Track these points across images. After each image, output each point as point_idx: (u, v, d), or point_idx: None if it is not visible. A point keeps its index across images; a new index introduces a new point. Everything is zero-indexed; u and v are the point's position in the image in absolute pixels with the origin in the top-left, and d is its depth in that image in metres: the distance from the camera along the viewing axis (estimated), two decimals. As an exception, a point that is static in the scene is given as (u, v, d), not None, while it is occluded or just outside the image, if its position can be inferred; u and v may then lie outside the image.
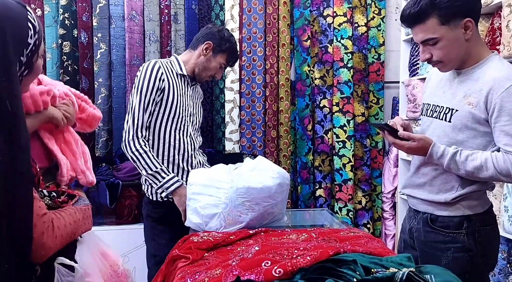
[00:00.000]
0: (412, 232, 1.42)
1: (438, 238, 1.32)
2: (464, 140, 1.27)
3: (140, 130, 1.66)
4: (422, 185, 1.38)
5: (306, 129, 2.70)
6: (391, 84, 2.85)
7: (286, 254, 0.98)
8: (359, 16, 2.70)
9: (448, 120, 1.30)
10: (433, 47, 1.26)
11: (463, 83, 1.30)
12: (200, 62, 1.78)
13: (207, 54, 1.76)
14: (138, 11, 2.50)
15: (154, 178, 1.65)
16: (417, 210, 1.41)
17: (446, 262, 1.29)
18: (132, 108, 1.67)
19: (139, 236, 2.21)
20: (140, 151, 1.64)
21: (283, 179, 1.55)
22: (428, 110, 1.41)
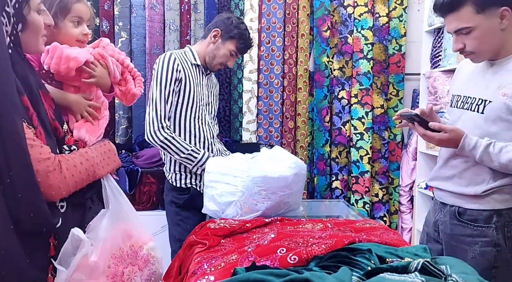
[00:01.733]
0: (438, 225, 1.40)
1: (465, 231, 1.30)
2: (497, 132, 1.24)
3: (164, 120, 1.70)
4: (451, 177, 1.36)
5: (324, 121, 2.69)
6: (411, 76, 2.80)
7: (302, 242, 0.99)
8: (381, 6, 2.65)
9: (481, 112, 1.27)
10: (467, 37, 1.23)
11: (497, 74, 1.27)
12: (210, 50, 1.81)
13: (216, 41, 1.79)
14: (159, 0, 2.52)
15: (188, 160, 1.72)
16: (444, 203, 1.39)
17: (473, 256, 1.27)
18: (153, 100, 1.71)
19: (157, 222, 2.27)
20: (168, 138, 1.70)
21: (300, 169, 1.56)
22: (458, 101, 1.38)
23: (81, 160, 1.03)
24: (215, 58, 1.81)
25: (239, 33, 1.79)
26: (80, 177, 1.01)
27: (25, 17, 0.91)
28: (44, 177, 0.91)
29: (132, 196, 2.36)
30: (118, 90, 1.38)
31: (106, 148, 1.15)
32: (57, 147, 1.03)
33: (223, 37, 1.79)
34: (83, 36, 1.27)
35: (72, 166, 0.99)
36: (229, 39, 1.78)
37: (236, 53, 1.83)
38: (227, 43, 1.79)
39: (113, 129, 2.54)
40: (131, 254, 1.10)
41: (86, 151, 1.08)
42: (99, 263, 1.02)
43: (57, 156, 0.98)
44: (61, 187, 0.95)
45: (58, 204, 1.00)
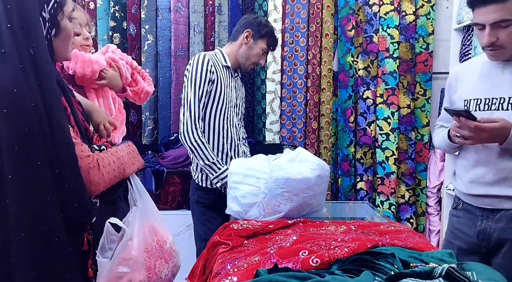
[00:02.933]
0: (488, 234, 1.33)
1: None
2: None
3: (197, 121, 1.75)
4: (503, 180, 1.30)
5: (348, 121, 2.66)
6: (439, 75, 2.72)
7: (324, 244, 0.99)
8: (407, 4, 2.60)
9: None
10: (504, 30, 1.19)
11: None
12: (243, 51, 1.85)
13: (248, 42, 1.83)
14: (184, 2, 2.56)
15: (210, 169, 1.74)
16: (496, 209, 1.32)
17: None
18: (188, 101, 1.75)
19: (182, 221, 2.31)
20: (198, 142, 1.73)
21: (323, 170, 1.55)
22: (479, 105, 1.34)
23: (113, 158, 1.08)
24: (249, 58, 1.86)
25: (269, 31, 1.86)
26: (114, 174, 1.07)
27: (59, 23, 0.95)
28: (85, 174, 0.96)
29: (158, 195, 2.42)
30: (129, 91, 1.45)
31: (130, 149, 1.20)
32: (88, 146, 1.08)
33: (254, 37, 1.84)
34: (86, 40, 1.34)
35: (107, 164, 1.04)
36: (261, 38, 1.84)
37: (267, 51, 1.88)
38: (259, 42, 1.84)
39: (139, 131, 2.61)
40: (158, 248, 1.15)
41: (116, 151, 1.13)
42: (139, 257, 1.07)
43: (95, 154, 1.04)
44: (100, 183, 1.00)
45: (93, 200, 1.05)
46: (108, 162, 1.05)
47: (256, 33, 1.83)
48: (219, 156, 1.83)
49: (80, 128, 1.03)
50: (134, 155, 1.21)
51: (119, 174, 1.09)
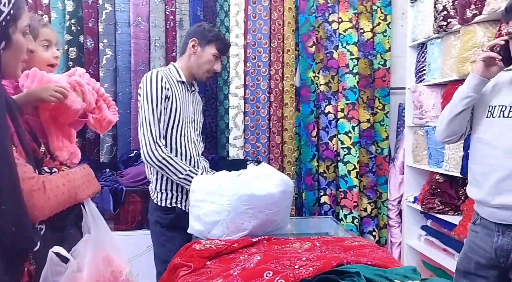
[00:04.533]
0: (506, 250, 1.32)
1: None
2: None
3: (159, 139, 1.68)
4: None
5: (311, 136, 2.68)
6: (397, 91, 2.82)
7: (289, 264, 0.96)
8: (365, 22, 2.69)
9: None
10: None
11: None
12: (193, 61, 1.81)
13: (195, 50, 1.80)
14: (144, 17, 2.52)
15: (186, 181, 1.68)
16: (509, 224, 1.32)
17: None
18: (146, 120, 1.68)
19: (142, 242, 2.21)
20: (166, 158, 1.67)
21: (287, 186, 1.54)
22: (503, 111, 1.35)
23: (63, 181, 1.02)
24: (201, 66, 1.81)
25: (215, 35, 1.81)
26: (63, 198, 0.99)
27: (10, 36, 0.89)
28: (28, 196, 0.88)
29: (116, 215, 2.31)
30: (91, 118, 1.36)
31: (86, 172, 1.13)
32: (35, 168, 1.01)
33: (201, 44, 1.79)
34: (55, 59, 1.28)
35: (55, 186, 0.97)
36: (208, 43, 1.79)
37: (218, 55, 1.82)
38: (207, 48, 1.79)
39: (97, 148, 2.50)
40: (112, 280, 1.07)
41: (67, 173, 1.07)
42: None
43: (40, 176, 0.96)
44: (45, 207, 0.93)
45: (37, 226, 0.97)
46: (57, 184, 0.98)
47: (202, 39, 1.79)
48: None
49: (25, 149, 0.95)
50: (89, 178, 1.14)
51: (70, 198, 1.02)
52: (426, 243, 2.55)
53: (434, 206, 2.37)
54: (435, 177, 2.43)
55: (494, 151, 1.36)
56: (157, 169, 1.70)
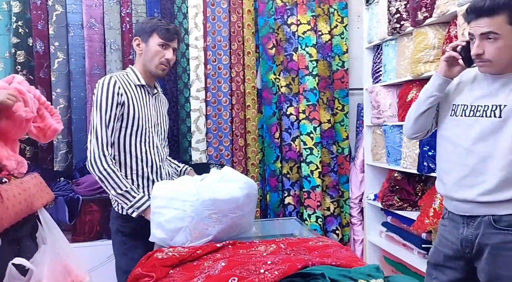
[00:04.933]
0: (470, 240, 1.37)
1: (507, 238, 1.30)
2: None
3: (106, 148, 1.60)
4: (479, 184, 1.34)
5: (274, 137, 2.69)
6: (355, 91, 2.89)
7: (254, 269, 0.95)
8: (323, 24, 2.74)
9: (499, 116, 1.31)
10: (490, 44, 1.27)
11: (507, 85, 1.32)
12: (143, 59, 1.74)
13: (141, 48, 1.73)
14: (98, 19, 2.42)
15: (123, 198, 1.60)
16: (472, 215, 1.37)
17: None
18: (94, 127, 1.61)
19: (102, 252, 2.12)
20: (108, 170, 1.58)
21: (251, 189, 1.53)
22: (465, 110, 1.40)
23: (19, 190, 0.96)
24: (152, 60, 1.73)
25: (154, 25, 1.72)
26: (20, 207, 0.94)
27: None
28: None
29: (73, 226, 2.20)
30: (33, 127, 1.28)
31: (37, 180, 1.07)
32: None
33: (143, 39, 1.73)
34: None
35: (12, 196, 0.92)
36: (149, 36, 1.72)
37: (164, 43, 1.72)
38: (150, 41, 1.72)
39: (51, 156, 2.37)
40: None
41: (21, 182, 1.01)
42: None
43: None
44: (4, 218, 0.88)
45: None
46: (13, 193, 0.92)
47: (143, 35, 1.72)
48: (140, 182, 1.70)
49: None
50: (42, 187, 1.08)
51: (27, 208, 0.96)
52: (387, 239, 2.63)
53: (394, 202, 2.45)
54: (394, 174, 2.51)
55: (456, 148, 1.41)
56: (96, 179, 1.62)
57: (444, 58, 1.43)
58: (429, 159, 2.06)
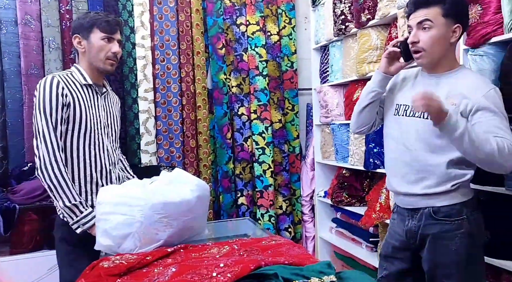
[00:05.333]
0: (413, 232, 1.46)
1: (444, 228, 1.39)
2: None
3: (58, 153, 1.49)
4: (419, 180, 1.42)
5: (226, 138, 2.67)
6: (304, 91, 2.95)
7: (206, 273, 0.92)
8: (271, 25, 2.77)
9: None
10: (425, 33, 1.35)
11: (440, 86, 1.40)
12: (88, 57, 1.64)
13: (83, 46, 1.63)
14: (34, 15, 2.27)
15: (70, 211, 1.51)
16: (415, 208, 1.45)
17: (455, 248, 1.37)
18: (41, 132, 1.49)
19: (42, 264, 1.99)
20: (59, 179, 1.48)
21: (203, 191, 1.50)
22: (406, 110, 1.47)
23: None
24: (96, 57, 1.63)
25: (92, 19, 1.63)
26: None
27: None
28: None
29: (8, 237, 2.03)
30: None
31: None
32: None
33: (84, 36, 1.62)
34: None
35: None
36: (89, 32, 1.62)
37: (107, 36, 1.63)
38: (91, 36, 1.62)
39: (-17, 162, 2.18)
40: None
41: None
42: None
43: None
44: None
45: None
46: None
47: (82, 32, 1.62)
48: (88, 187, 1.61)
49: None
50: None
51: None
52: (337, 234, 2.71)
53: (343, 199, 2.52)
54: (342, 171, 2.59)
55: (399, 146, 1.49)
56: (46, 187, 1.52)
57: (385, 54, 1.50)
58: (374, 156, 2.15)
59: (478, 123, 1.31)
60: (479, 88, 1.33)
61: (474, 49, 1.60)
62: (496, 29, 1.53)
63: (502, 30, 1.51)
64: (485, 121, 1.30)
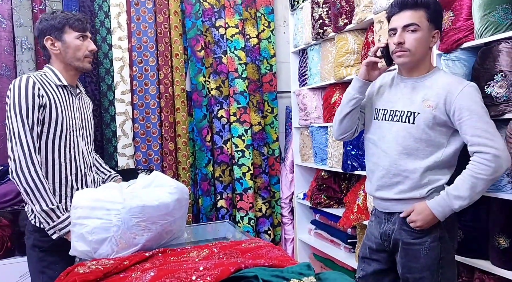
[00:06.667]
0: (388, 235, 1.49)
1: (415, 232, 1.42)
2: (428, 138, 1.40)
3: (34, 156, 1.45)
4: (394, 184, 1.45)
5: (205, 140, 2.66)
6: (283, 94, 2.97)
7: (185, 276, 0.91)
8: (250, 28, 2.77)
9: (412, 122, 1.41)
10: (410, 35, 1.39)
11: (417, 90, 1.44)
12: (63, 58, 1.59)
13: (57, 47, 1.59)
14: (5, 15, 2.20)
15: (46, 216, 1.46)
16: (391, 212, 1.48)
17: (425, 253, 1.41)
18: (16, 134, 1.45)
19: (14, 271, 1.93)
20: (36, 182, 1.44)
21: (182, 193, 1.48)
22: (386, 115, 1.50)
23: None
24: (74, 57, 1.59)
25: (63, 19, 1.59)
26: None
27: None
28: None
29: (-21, 244, 1.96)
30: None
31: None
32: None
33: (57, 36, 1.58)
34: None
35: None
36: (62, 32, 1.58)
37: (82, 35, 1.61)
38: (65, 37, 1.58)
39: (-50, 166, 2.09)
40: None
41: None
42: None
43: None
44: None
45: None
46: None
47: (54, 32, 1.57)
48: (63, 190, 1.57)
49: None
50: None
51: None
52: (316, 236, 2.73)
53: (321, 201, 2.55)
54: (321, 173, 2.62)
55: (377, 150, 1.52)
56: (21, 191, 1.47)
57: (365, 63, 1.52)
58: (352, 158, 2.18)
59: (458, 126, 1.36)
60: (453, 88, 1.37)
61: (446, 54, 1.65)
62: (468, 35, 1.58)
63: (473, 36, 1.57)
64: (464, 125, 1.34)
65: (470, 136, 1.33)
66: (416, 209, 1.40)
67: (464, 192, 1.32)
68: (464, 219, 1.61)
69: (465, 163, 1.37)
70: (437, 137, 1.40)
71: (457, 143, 1.41)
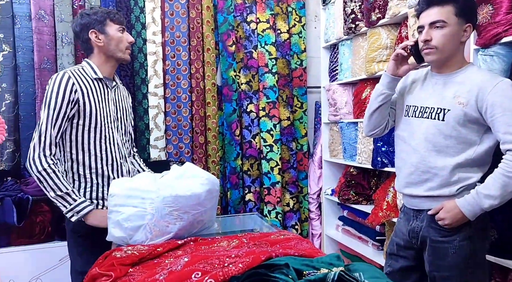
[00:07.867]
0: (416, 232, 1.47)
1: (443, 231, 1.40)
2: (458, 136, 1.37)
3: (48, 148, 1.53)
4: (423, 181, 1.44)
5: (234, 134, 2.69)
6: (313, 89, 2.96)
7: (217, 262, 0.94)
8: (281, 23, 2.78)
9: (442, 119, 1.39)
10: (437, 32, 1.36)
11: (448, 86, 1.41)
12: (106, 50, 1.68)
13: (101, 39, 1.67)
14: (48, 10, 2.30)
15: (62, 200, 1.53)
16: (419, 209, 1.47)
17: (454, 252, 1.38)
18: (39, 124, 1.55)
19: (54, 255, 2.03)
20: (48, 170, 1.51)
21: (213, 185, 1.51)
22: (416, 111, 1.49)
23: None
24: (117, 48, 1.69)
25: (103, 13, 1.69)
26: None
27: None
28: None
29: (22, 228, 2.07)
30: None
31: None
32: None
33: (100, 30, 1.67)
34: None
35: None
36: (104, 25, 1.67)
37: (122, 27, 1.72)
38: (107, 29, 1.67)
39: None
40: None
41: None
42: None
43: None
44: None
45: None
46: None
47: (97, 25, 1.67)
48: (100, 180, 1.64)
49: None
50: None
51: None
52: (343, 232, 2.72)
53: (350, 197, 2.53)
54: (350, 169, 2.60)
55: (406, 147, 1.50)
56: (35, 180, 1.55)
57: (392, 57, 1.50)
58: (382, 154, 2.15)
59: (490, 124, 1.33)
60: (486, 84, 1.33)
61: (484, 49, 1.60)
62: (507, 29, 1.52)
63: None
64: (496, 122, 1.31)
65: (502, 134, 1.30)
66: (445, 207, 1.38)
67: (495, 191, 1.29)
68: (498, 218, 1.57)
69: (499, 162, 1.33)
70: (469, 134, 1.37)
71: (490, 141, 1.37)
